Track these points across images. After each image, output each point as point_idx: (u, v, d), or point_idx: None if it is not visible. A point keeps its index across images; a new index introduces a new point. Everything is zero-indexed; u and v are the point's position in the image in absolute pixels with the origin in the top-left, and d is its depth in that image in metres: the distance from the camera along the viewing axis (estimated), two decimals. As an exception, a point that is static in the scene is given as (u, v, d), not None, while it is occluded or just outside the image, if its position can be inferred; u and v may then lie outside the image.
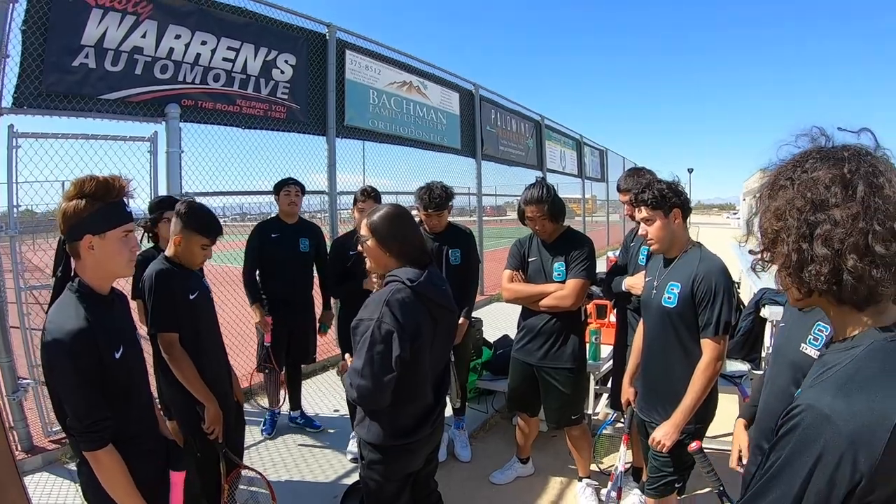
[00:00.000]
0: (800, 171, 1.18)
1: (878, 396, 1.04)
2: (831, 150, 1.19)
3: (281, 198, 4.82)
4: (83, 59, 4.58)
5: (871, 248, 1.07)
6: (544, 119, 14.91)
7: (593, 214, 23.21)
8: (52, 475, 4.12)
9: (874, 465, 1.00)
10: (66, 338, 1.79)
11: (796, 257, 1.15)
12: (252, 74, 6.05)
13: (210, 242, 3.00)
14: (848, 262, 1.08)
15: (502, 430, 5.24)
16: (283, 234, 4.77)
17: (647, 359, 3.05)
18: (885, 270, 1.07)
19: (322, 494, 3.94)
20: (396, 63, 8.64)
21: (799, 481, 1.06)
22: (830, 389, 1.08)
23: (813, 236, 1.12)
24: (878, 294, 1.10)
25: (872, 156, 1.15)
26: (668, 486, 2.93)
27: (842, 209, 1.10)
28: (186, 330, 2.89)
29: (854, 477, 1.01)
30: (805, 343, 1.95)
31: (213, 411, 2.85)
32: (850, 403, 1.04)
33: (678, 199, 2.86)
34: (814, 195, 1.13)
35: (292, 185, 4.83)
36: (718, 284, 2.71)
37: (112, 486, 1.89)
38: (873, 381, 1.06)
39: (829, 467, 1.02)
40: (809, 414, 1.07)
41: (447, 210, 4.32)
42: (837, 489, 1.02)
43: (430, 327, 2.37)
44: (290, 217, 4.87)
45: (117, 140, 4.74)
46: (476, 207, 11.45)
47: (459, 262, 4.38)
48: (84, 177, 1.95)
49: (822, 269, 1.11)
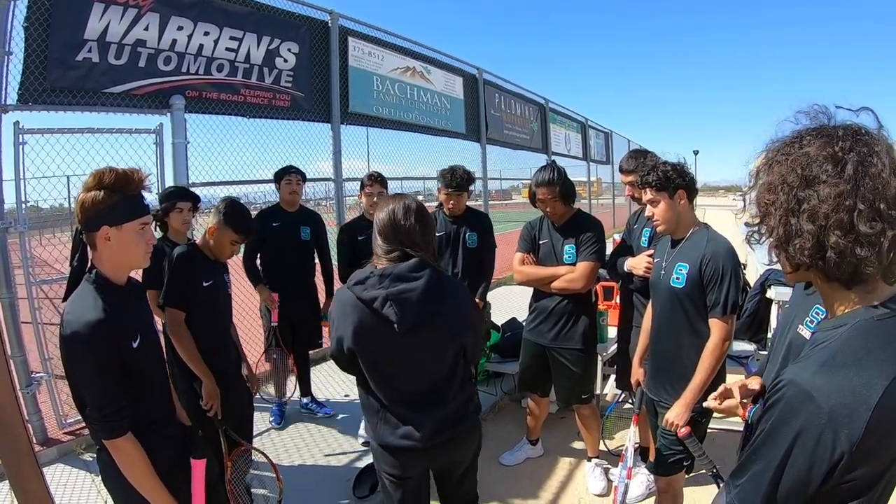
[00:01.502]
0: (795, 146, 1.20)
1: (859, 375, 1.06)
2: (828, 127, 1.20)
3: (282, 186, 4.84)
4: (86, 54, 4.58)
5: (856, 226, 1.08)
6: (549, 102, 14.82)
7: (599, 197, 23.14)
8: (68, 466, 4.18)
9: (855, 443, 1.02)
10: (85, 328, 1.81)
11: (783, 231, 1.17)
12: (255, 63, 6.04)
13: (241, 240, 3.19)
14: (831, 238, 1.10)
15: (511, 412, 5.29)
16: (284, 223, 4.79)
17: (656, 339, 3.08)
18: (870, 249, 1.08)
19: (335, 477, 3.99)
20: (399, 49, 8.60)
21: (780, 454, 1.09)
22: (813, 366, 1.10)
23: (800, 211, 1.14)
24: (863, 272, 1.11)
25: (869, 135, 1.15)
26: (676, 464, 2.96)
27: (829, 186, 1.11)
28: (196, 312, 3.05)
29: (834, 454, 1.03)
30: (802, 325, 1.97)
31: (210, 387, 2.96)
32: (830, 380, 1.06)
33: (683, 181, 2.87)
34: (805, 171, 1.15)
35: (293, 173, 4.84)
36: (726, 265, 2.73)
37: (132, 474, 1.93)
38: (856, 359, 1.08)
39: (808, 444, 1.05)
40: (790, 388, 1.10)
41: (467, 193, 4.40)
42: (818, 465, 1.05)
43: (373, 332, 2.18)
44: (291, 205, 4.88)
45: (122, 133, 4.75)
46: (481, 191, 11.43)
47: (476, 245, 4.47)
48: (104, 168, 1.96)
49: (805, 244, 1.13)
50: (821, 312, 1.90)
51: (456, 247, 4.46)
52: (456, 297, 2.29)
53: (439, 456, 2.38)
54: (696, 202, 3.01)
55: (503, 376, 5.58)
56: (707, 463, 2.60)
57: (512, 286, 4.73)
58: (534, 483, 4.09)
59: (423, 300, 2.12)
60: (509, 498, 3.88)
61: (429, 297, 2.13)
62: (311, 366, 5.43)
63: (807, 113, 1.25)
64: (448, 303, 2.23)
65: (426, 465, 2.43)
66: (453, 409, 2.31)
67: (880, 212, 1.08)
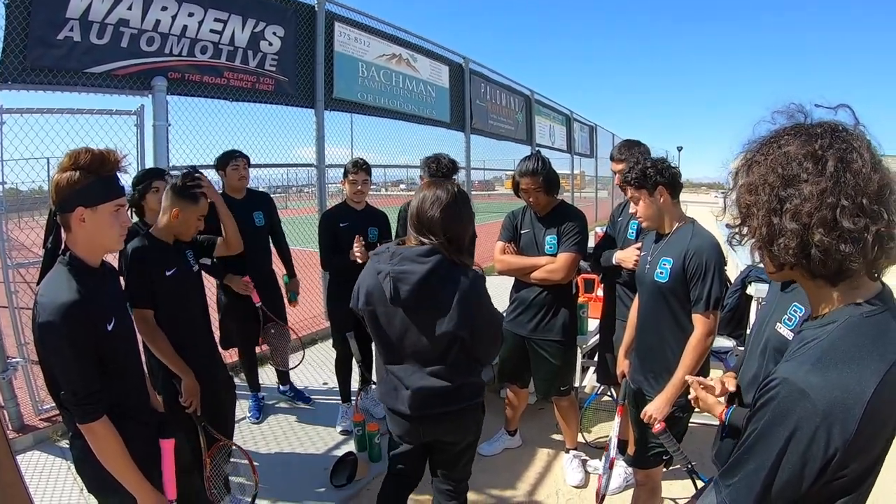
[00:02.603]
0: (774, 146, 1.20)
1: (852, 372, 1.06)
2: (806, 126, 1.21)
3: (229, 173, 4.56)
4: (68, 33, 4.50)
5: (839, 222, 1.09)
6: (534, 94, 14.82)
7: (582, 190, 23.20)
8: (44, 453, 4.13)
9: (848, 440, 1.03)
10: (60, 310, 1.79)
11: (766, 231, 1.18)
12: (240, 46, 5.97)
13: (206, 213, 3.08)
14: (815, 236, 1.10)
15: (490, 402, 5.26)
16: (235, 211, 4.29)
17: (641, 332, 3.09)
18: (854, 245, 1.09)
19: (313, 466, 3.99)
20: (386, 35, 8.54)
21: (774, 453, 1.09)
22: (806, 364, 1.10)
23: (783, 211, 1.14)
24: (848, 268, 1.12)
25: (847, 132, 1.16)
26: (656, 458, 2.98)
27: (811, 184, 1.11)
28: (164, 306, 2.89)
29: (828, 451, 1.04)
30: (780, 322, 1.97)
31: (190, 384, 2.86)
32: (825, 378, 1.06)
33: (663, 177, 2.87)
34: (785, 170, 1.15)
35: (240, 157, 4.60)
36: (710, 260, 2.74)
37: (107, 458, 1.91)
38: (848, 356, 1.08)
39: (803, 441, 1.05)
40: (785, 387, 1.09)
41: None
42: (811, 463, 1.05)
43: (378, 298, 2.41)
44: (239, 192, 4.63)
45: (103, 114, 4.67)
46: (465, 181, 11.42)
47: None
48: (79, 149, 1.94)
49: (790, 243, 1.13)
50: (799, 310, 1.91)
51: None
52: (462, 290, 2.32)
53: (430, 429, 2.58)
54: (680, 198, 3.02)
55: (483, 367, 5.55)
56: (682, 459, 2.61)
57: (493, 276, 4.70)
58: (511, 474, 4.10)
59: (421, 284, 2.29)
60: (487, 488, 3.89)
61: (428, 282, 2.30)
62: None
63: (784, 112, 1.26)
64: (447, 292, 2.31)
65: (419, 436, 2.62)
66: (444, 388, 2.45)
67: (863, 207, 1.09)
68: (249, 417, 4.77)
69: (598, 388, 4.88)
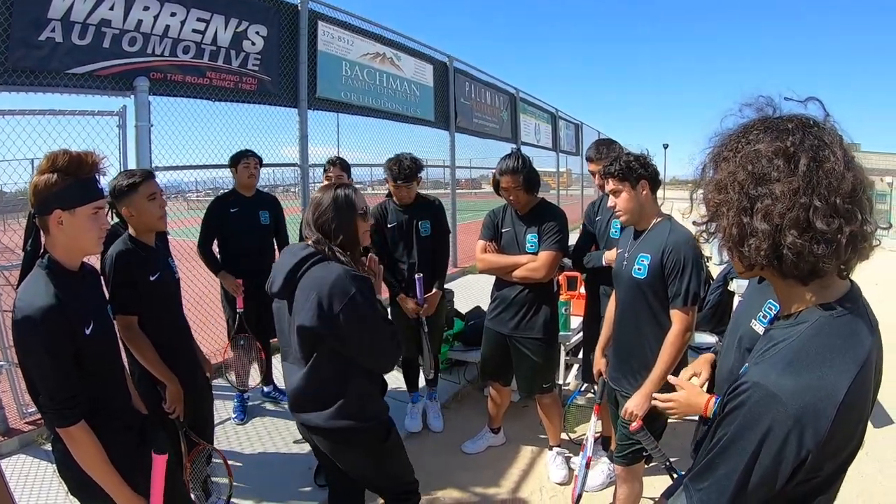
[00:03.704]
0: (743, 142, 1.16)
1: (824, 375, 1.04)
2: (776, 120, 1.16)
3: (239, 170, 4.73)
4: (50, 33, 4.46)
5: (812, 223, 1.05)
6: (519, 92, 14.83)
7: (568, 188, 23.27)
8: (29, 457, 4.10)
9: (820, 442, 1.02)
10: (37, 314, 1.80)
11: (737, 231, 1.14)
12: (222, 46, 5.94)
13: (154, 189, 2.89)
14: (787, 238, 1.06)
15: (474, 400, 5.33)
16: (243, 208, 4.71)
17: (619, 329, 3.10)
18: (827, 246, 1.05)
19: (297, 465, 3.99)
20: (370, 34, 8.54)
21: (746, 457, 1.07)
22: (777, 367, 1.08)
23: (753, 210, 1.10)
24: (821, 269, 1.08)
25: (819, 127, 1.12)
26: (636, 454, 3.00)
27: (783, 183, 1.07)
28: (148, 311, 2.83)
29: (800, 454, 1.02)
30: (755, 319, 1.99)
31: (174, 391, 2.83)
32: (796, 382, 1.04)
33: (645, 172, 2.89)
34: (755, 168, 1.11)
35: (251, 156, 4.76)
36: (687, 256, 2.75)
37: (87, 462, 1.92)
38: (820, 359, 1.06)
39: (775, 445, 1.03)
40: (756, 391, 1.07)
41: (416, 182, 4.33)
42: (784, 466, 1.04)
43: None
44: (248, 190, 4.80)
45: (86, 115, 4.64)
46: (450, 180, 11.44)
47: (429, 233, 4.41)
48: (57, 151, 1.94)
49: (761, 245, 1.09)
50: (774, 307, 1.92)
51: (409, 237, 4.37)
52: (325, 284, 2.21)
53: (312, 439, 2.51)
54: (665, 195, 3.04)
55: (466, 365, 5.61)
56: (660, 456, 2.64)
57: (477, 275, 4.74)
58: (495, 471, 4.13)
59: (288, 276, 2.31)
60: (471, 486, 3.92)
61: (294, 273, 2.30)
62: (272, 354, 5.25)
63: (752, 105, 1.22)
64: (309, 285, 2.25)
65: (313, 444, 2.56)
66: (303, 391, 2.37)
67: (836, 207, 1.05)
68: (234, 418, 4.75)
69: (581, 385, 4.91)
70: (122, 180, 2.83)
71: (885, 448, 4.22)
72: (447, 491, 3.87)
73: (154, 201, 2.86)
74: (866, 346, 1.10)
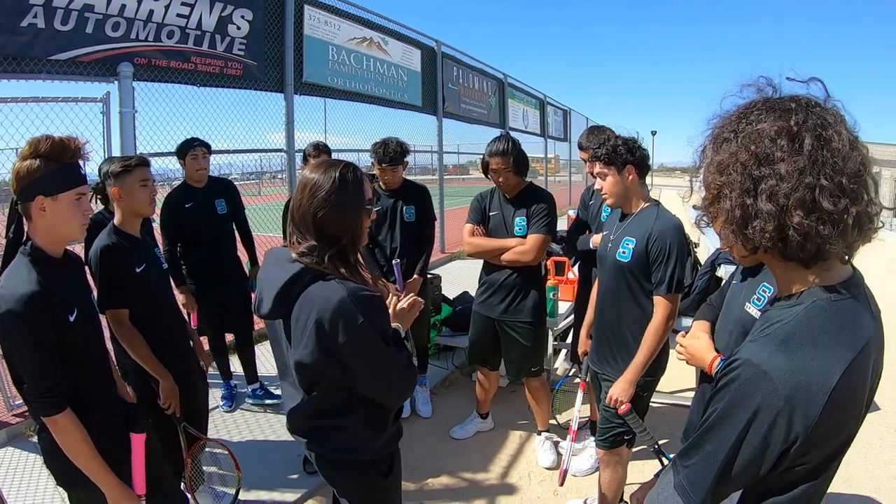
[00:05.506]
0: (744, 123, 1.13)
1: (818, 358, 1.02)
2: (778, 100, 1.13)
3: (188, 163, 4.38)
4: (32, 19, 4.40)
5: (819, 203, 1.02)
6: (507, 78, 14.81)
7: (556, 174, 23.29)
8: (17, 449, 4.07)
9: (810, 426, 1.01)
10: (19, 302, 1.78)
11: (740, 213, 1.10)
12: (207, 31, 5.88)
13: (147, 175, 2.83)
14: (794, 218, 1.03)
15: (462, 386, 5.35)
16: (197, 202, 4.40)
17: (601, 311, 3.10)
18: (833, 227, 1.02)
19: (286, 453, 3.99)
20: (356, 19, 8.49)
21: (734, 435, 1.05)
22: (770, 345, 1.06)
23: (757, 191, 1.07)
24: (826, 251, 1.05)
25: (821, 107, 1.09)
26: (617, 438, 3.02)
27: (787, 163, 1.04)
28: (138, 304, 2.78)
29: (789, 436, 1.01)
30: (749, 302, 2.00)
31: (168, 387, 2.78)
32: (789, 362, 1.02)
33: (632, 157, 2.88)
34: (758, 148, 1.08)
35: (198, 146, 4.40)
36: (672, 243, 2.75)
37: (72, 451, 1.91)
38: (815, 341, 1.04)
39: (764, 424, 1.02)
40: (747, 369, 1.05)
41: (402, 166, 4.34)
42: (772, 447, 1.03)
43: None
44: (199, 181, 4.47)
45: (69, 102, 4.58)
46: (437, 166, 11.42)
47: (414, 219, 4.42)
48: (40, 136, 1.91)
49: (766, 226, 1.06)
50: (768, 290, 1.93)
51: (393, 221, 4.39)
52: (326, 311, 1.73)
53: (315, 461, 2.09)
54: (653, 182, 3.03)
55: (454, 350, 5.62)
56: (648, 439, 2.66)
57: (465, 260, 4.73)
58: (483, 456, 4.14)
59: (280, 296, 1.81)
60: (459, 471, 3.94)
61: (290, 292, 1.80)
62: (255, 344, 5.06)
63: (752, 86, 1.19)
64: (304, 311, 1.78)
65: None
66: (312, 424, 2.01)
67: (843, 187, 1.02)
68: (222, 406, 4.73)
69: (569, 369, 4.93)
70: (117, 163, 2.80)
71: (871, 435, 4.26)
72: (436, 477, 3.88)
73: (145, 188, 2.81)
74: (865, 333, 1.09)
